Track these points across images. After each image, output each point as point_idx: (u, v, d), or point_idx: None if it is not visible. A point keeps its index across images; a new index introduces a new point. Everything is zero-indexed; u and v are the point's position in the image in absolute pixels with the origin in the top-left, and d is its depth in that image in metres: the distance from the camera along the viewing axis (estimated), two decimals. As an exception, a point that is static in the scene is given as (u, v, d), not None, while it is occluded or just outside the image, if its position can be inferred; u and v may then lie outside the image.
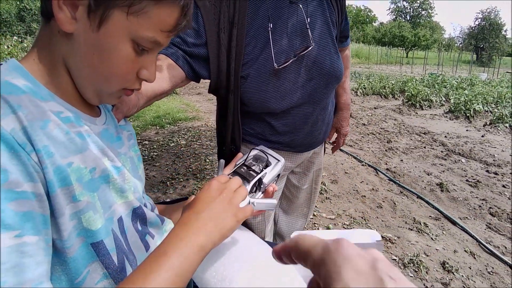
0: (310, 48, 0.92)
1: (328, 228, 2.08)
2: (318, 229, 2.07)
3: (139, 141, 3.69)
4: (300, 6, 0.93)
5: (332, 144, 1.45)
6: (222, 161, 0.66)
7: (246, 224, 1.31)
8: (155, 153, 3.34)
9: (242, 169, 0.65)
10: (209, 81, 0.97)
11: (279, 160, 0.72)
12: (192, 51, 0.92)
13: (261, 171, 0.66)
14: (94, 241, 0.44)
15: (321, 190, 2.58)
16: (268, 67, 0.92)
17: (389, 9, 51.28)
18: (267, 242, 0.86)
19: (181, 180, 2.77)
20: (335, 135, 1.43)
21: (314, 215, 2.23)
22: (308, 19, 0.94)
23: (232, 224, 0.49)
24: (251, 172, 0.65)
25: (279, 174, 0.71)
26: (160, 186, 2.68)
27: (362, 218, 2.25)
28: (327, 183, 2.74)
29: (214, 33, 0.92)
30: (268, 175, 0.67)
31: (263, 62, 0.93)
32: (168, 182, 2.74)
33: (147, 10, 0.43)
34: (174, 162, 3.13)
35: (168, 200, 2.33)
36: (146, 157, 3.24)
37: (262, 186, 0.66)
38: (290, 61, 0.91)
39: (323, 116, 1.10)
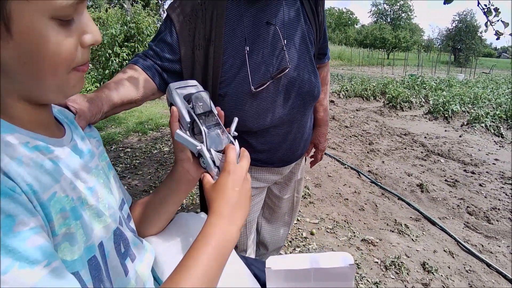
0: (287, 70, 0.92)
1: (311, 233, 2.09)
2: (302, 234, 2.09)
3: (121, 148, 3.62)
4: (277, 27, 0.93)
5: (310, 159, 1.45)
6: (179, 132, 0.60)
7: None
8: (138, 161, 3.29)
9: (202, 119, 0.62)
10: None
11: (195, 85, 0.70)
12: (165, 65, 0.92)
13: (210, 107, 0.64)
14: (70, 272, 0.43)
15: (305, 194, 2.60)
16: (245, 87, 0.92)
17: (370, 11, 52.50)
18: (243, 257, 0.86)
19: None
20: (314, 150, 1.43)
21: (297, 219, 2.24)
22: (285, 40, 0.94)
23: (249, 206, 0.57)
24: (210, 117, 0.63)
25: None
26: (143, 195, 2.64)
27: (345, 221, 2.28)
28: (311, 187, 2.76)
29: (188, 50, 0.91)
30: (211, 102, 0.66)
31: (241, 81, 0.92)
32: (151, 191, 2.70)
33: None
34: (157, 170, 3.09)
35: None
36: (128, 165, 3.19)
37: (216, 114, 0.65)
38: (267, 83, 0.91)
39: (302, 134, 1.11)
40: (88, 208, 0.49)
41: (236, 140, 0.63)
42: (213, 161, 0.59)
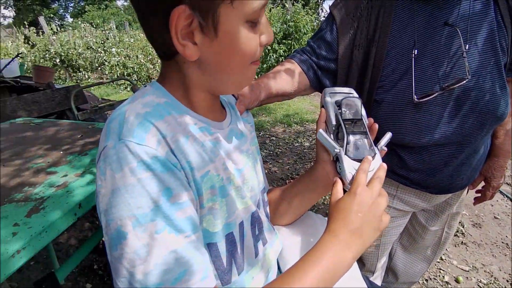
0: (464, 81, 0.76)
1: (457, 280, 1.76)
2: (443, 277, 1.78)
3: (267, 136, 3.97)
4: (457, 30, 0.78)
5: (476, 193, 1.18)
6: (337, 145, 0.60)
7: None
8: (280, 150, 3.53)
9: (348, 125, 0.60)
10: None
11: (351, 93, 0.67)
12: (321, 63, 0.91)
13: (360, 115, 0.61)
14: (210, 242, 0.52)
15: (457, 231, 2.19)
16: (406, 95, 0.82)
17: None
18: (369, 281, 0.80)
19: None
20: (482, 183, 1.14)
21: (441, 258, 1.92)
22: (467, 45, 0.77)
23: (374, 237, 0.52)
24: (358, 125, 0.60)
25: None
26: (280, 183, 2.83)
27: (508, 282, 1.80)
28: (467, 224, 2.29)
29: (347, 49, 0.88)
30: (363, 111, 0.62)
31: (402, 89, 0.83)
32: (287, 180, 2.87)
33: None
34: (295, 162, 3.23)
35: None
36: (271, 152, 3.47)
37: (365, 123, 0.62)
38: (435, 94, 0.79)
39: (471, 161, 0.91)
40: (234, 189, 0.55)
41: (378, 154, 0.58)
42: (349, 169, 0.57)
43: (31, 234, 0.69)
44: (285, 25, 6.70)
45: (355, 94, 0.67)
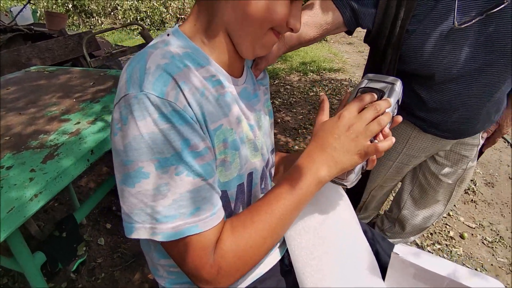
0: (503, 5, 0.70)
1: (462, 236, 1.79)
2: (448, 232, 1.82)
3: (282, 84, 3.86)
4: None
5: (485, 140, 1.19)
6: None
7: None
8: (294, 99, 3.46)
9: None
10: (362, 30, 0.87)
11: (393, 83, 0.60)
12: None
13: (380, 97, 0.58)
14: (221, 189, 0.56)
15: (468, 188, 2.18)
16: (441, 24, 0.77)
17: None
18: (370, 229, 0.83)
19: (312, 131, 2.82)
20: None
21: (449, 214, 1.94)
22: None
23: (353, 162, 0.53)
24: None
25: (398, 100, 0.61)
26: (292, 132, 2.82)
27: (513, 239, 1.82)
28: (479, 183, 2.27)
29: None
30: (391, 99, 0.57)
31: (438, 16, 0.78)
32: (299, 130, 2.85)
33: None
34: (309, 112, 3.18)
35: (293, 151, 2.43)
36: (285, 101, 3.41)
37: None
38: (476, 19, 0.74)
39: (491, 103, 0.90)
40: (248, 142, 0.59)
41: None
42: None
43: (47, 179, 0.73)
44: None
45: (396, 87, 0.60)
